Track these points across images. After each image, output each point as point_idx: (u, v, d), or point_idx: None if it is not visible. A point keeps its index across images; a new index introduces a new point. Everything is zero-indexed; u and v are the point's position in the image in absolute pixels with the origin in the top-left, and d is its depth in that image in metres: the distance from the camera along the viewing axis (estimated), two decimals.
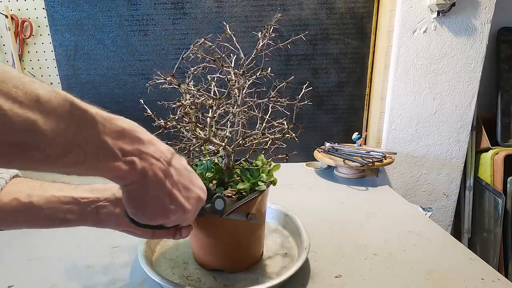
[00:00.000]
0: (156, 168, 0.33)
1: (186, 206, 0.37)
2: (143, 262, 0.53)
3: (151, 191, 0.34)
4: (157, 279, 0.49)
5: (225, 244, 0.54)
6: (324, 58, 1.11)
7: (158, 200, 0.35)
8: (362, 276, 0.55)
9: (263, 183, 0.51)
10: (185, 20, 1.05)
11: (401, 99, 1.08)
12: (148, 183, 0.33)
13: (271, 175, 0.53)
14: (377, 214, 0.79)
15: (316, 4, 1.05)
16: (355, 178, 1.02)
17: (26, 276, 0.57)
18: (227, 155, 0.52)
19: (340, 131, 1.20)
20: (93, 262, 0.60)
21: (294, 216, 0.66)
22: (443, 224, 1.21)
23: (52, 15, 1.03)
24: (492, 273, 0.55)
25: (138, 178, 0.32)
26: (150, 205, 0.35)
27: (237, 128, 0.52)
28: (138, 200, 0.34)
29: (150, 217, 0.36)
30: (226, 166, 0.52)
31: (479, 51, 1.04)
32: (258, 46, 0.50)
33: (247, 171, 0.52)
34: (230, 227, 0.52)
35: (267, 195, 0.56)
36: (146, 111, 0.51)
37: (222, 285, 0.53)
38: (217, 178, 0.53)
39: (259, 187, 0.50)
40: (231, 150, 0.50)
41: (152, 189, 0.34)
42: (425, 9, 1.00)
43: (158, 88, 0.51)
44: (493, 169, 1.18)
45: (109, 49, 1.07)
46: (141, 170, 0.32)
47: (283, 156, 0.54)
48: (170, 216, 0.37)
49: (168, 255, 0.62)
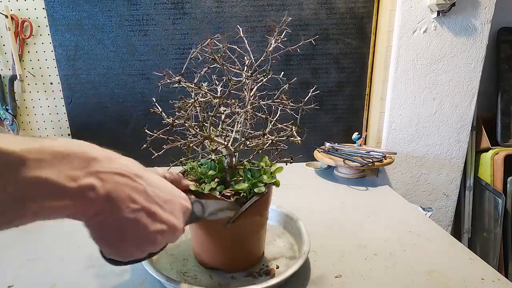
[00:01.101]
0: (124, 186, 0.26)
1: (173, 222, 0.31)
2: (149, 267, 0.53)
3: (125, 217, 0.27)
4: (152, 271, 0.50)
5: (224, 245, 0.54)
6: (324, 58, 1.11)
7: (137, 226, 0.28)
8: (362, 276, 0.55)
9: (263, 184, 0.50)
10: (185, 20, 1.05)
11: (401, 99, 1.08)
12: (118, 208, 0.26)
13: (274, 176, 0.53)
14: (377, 214, 0.79)
15: (316, 4, 1.05)
16: (355, 178, 1.02)
17: (26, 276, 0.57)
18: (229, 155, 0.52)
19: (340, 131, 1.20)
20: (93, 262, 0.60)
21: (296, 217, 0.66)
22: (443, 224, 1.21)
23: (52, 15, 1.03)
24: (492, 273, 0.55)
25: (104, 206, 0.25)
26: (129, 235, 0.28)
27: (241, 128, 0.52)
28: (112, 234, 0.27)
29: (134, 250, 0.29)
30: (229, 166, 0.52)
31: (479, 51, 1.04)
32: (268, 48, 0.50)
33: (248, 171, 0.52)
34: (232, 228, 0.52)
35: (270, 196, 0.56)
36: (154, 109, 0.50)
37: (217, 284, 0.53)
38: (219, 176, 0.53)
39: (258, 188, 0.49)
40: (233, 150, 0.50)
41: (126, 215, 0.27)
42: (425, 9, 1.00)
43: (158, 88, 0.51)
44: (493, 169, 1.18)
45: (109, 49, 1.07)
46: (106, 194, 0.25)
47: (288, 159, 0.54)
48: (158, 240, 0.30)
49: (169, 251, 0.62)
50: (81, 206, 0.24)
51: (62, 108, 1.14)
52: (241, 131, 0.52)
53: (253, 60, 0.51)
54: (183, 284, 0.47)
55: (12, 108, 1.10)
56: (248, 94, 0.51)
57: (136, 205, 0.27)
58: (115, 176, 0.26)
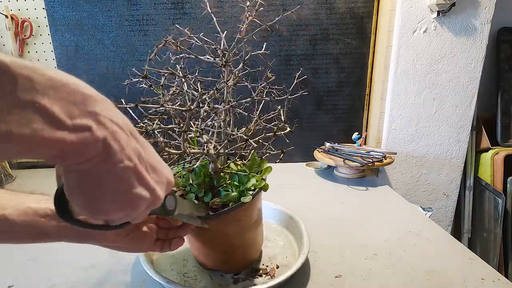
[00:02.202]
0: (120, 138, 0.24)
1: (157, 192, 0.28)
2: (143, 259, 0.53)
3: (114, 170, 0.24)
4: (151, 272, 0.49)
5: (218, 248, 0.54)
6: (324, 58, 1.11)
7: (123, 184, 0.25)
8: (362, 276, 0.55)
9: (250, 192, 0.48)
10: (185, 20, 1.05)
11: (401, 99, 1.08)
12: (111, 159, 0.23)
13: (263, 179, 0.50)
14: (377, 214, 0.79)
15: (316, 4, 1.05)
16: (355, 178, 1.02)
17: (26, 276, 0.57)
18: (212, 161, 0.48)
19: (340, 131, 1.20)
20: (93, 262, 0.60)
21: (296, 218, 0.66)
22: (443, 224, 1.21)
23: (52, 15, 1.03)
24: (492, 273, 0.55)
25: (98, 152, 0.23)
26: (112, 191, 0.25)
27: (222, 129, 0.48)
28: (94, 186, 0.24)
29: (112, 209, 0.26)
30: (214, 171, 0.49)
31: (479, 51, 1.04)
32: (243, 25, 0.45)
33: (235, 175, 0.48)
34: (222, 232, 0.51)
35: (260, 198, 0.54)
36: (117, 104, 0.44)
37: (216, 285, 0.53)
38: (206, 182, 0.49)
39: (244, 198, 0.47)
40: (215, 156, 0.46)
41: (117, 169, 0.24)
42: (425, 9, 1.00)
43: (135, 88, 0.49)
44: (493, 169, 1.18)
45: (109, 49, 1.07)
46: (103, 140, 0.22)
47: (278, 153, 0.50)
48: (139, 205, 0.27)
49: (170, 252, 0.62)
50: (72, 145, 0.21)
51: None
52: (222, 132, 0.49)
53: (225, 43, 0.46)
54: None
55: None
56: (226, 87, 0.46)
57: (130, 163, 0.25)
58: (113, 124, 0.23)
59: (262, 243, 0.60)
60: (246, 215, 0.51)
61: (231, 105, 0.47)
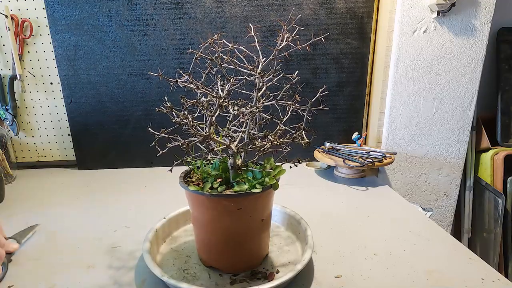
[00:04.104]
0: None
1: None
2: (146, 257, 0.53)
3: None
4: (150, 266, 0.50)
5: (219, 242, 0.54)
6: (324, 58, 1.11)
7: None
8: (362, 276, 0.55)
9: (260, 186, 0.50)
10: (185, 20, 1.05)
11: (401, 99, 1.08)
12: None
13: (276, 178, 0.52)
14: (377, 214, 0.79)
15: (316, 4, 1.05)
16: (355, 178, 1.02)
17: (26, 276, 0.57)
18: (232, 155, 0.52)
19: (340, 131, 1.20)
20: (93, 262, 0.60)
21: (303, 222, 0.65)
22: (443, 224, 1.21)
23: (52, 15, 1.03)
24: (492, 273, 0.55)
25: None
26: None
27: (247, 129, 0.52)
28: None
29: None
30: (232, 166, 0.53)
31: (479, 51, 1.04)
32: (277, 47, 0.50)
33: (250, 172, 0.52)
34: (225, 225, 0.52)
35: (271, 198, 0.55)
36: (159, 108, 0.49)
37: (213, 283, 0.53)
38: (223, 176, 0.53)
39: (255, 189, 0.50)
40: (236, 151, 0.50)
41: None
42: (425, 9, 1.00)
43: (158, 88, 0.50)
44: (493, 169, 1.18)
45: (109, 49, 1.07)
46: None
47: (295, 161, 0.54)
48: None
49: (175, 246, 0.63)
50: None
51: (62, 108, 1.14)
52: (247, 132, 0.52)
53: (261, 59, 0.52)
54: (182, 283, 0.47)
55: (12, 108, 1.10)
56: (256, 94, 0.51)
57: None
58: None
59: (267, 249, 0.60)
60: (253, 206, 0.52)
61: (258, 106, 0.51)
